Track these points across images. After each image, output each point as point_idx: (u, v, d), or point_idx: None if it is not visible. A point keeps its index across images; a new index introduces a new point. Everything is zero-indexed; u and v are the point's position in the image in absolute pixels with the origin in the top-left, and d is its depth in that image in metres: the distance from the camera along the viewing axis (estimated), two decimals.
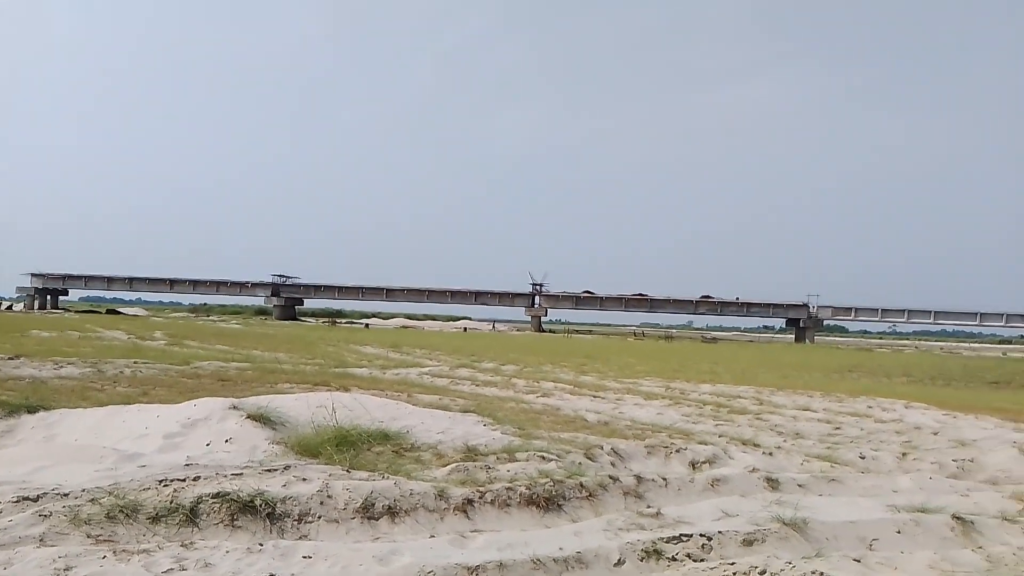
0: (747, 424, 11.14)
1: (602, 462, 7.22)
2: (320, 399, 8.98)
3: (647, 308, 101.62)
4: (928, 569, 3.93)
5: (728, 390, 16.51)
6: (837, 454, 8.70)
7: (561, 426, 9.80)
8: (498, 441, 7.66)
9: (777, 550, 4.45)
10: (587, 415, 11.16)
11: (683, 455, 7.87)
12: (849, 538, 4.82)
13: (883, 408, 13.98)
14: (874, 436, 10.67)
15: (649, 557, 4.31)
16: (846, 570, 3.73)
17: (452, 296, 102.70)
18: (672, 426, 10.69)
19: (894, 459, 8.79)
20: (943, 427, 11.73)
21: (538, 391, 14.41)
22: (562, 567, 4.20)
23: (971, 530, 5.20)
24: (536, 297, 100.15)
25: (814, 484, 6.58)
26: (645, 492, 5.92)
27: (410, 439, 7.63)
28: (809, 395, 15.92)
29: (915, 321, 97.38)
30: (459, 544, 4.57)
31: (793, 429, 10.91)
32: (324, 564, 4.13)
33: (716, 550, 4.45)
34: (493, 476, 6.13)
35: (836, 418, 12.32)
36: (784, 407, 13.67)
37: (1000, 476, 8.46)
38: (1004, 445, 9.77)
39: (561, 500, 5.61)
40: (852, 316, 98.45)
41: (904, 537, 4.94)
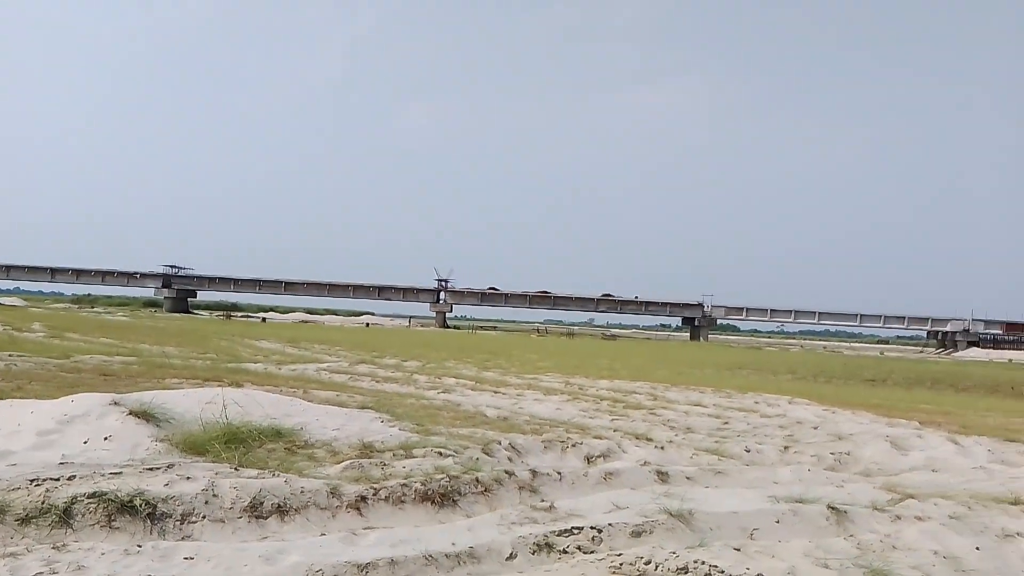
0: (641, 419, 11.44)
1: (499, 457, 7.26)
2: (210, 395, 8.65)
3: (551, 305, 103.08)
4: (803, 557, 4.13)
5: (625, 386, 16.92)
6: (724, 447, 9.04)
7: (461, 422, 9.79)
8: (395, 437, 7.58)
9: (664, 540, 4.58)
10: (487, 411, 11.20)
11: (579, 449, 8.01)
12: (732, 528, 5.01)
13: (769, 404, 14.64)
14: (759, 430, 11.15)
15: (541, 550, 4.36)
16: (726, 558, 3.88)
17: (354, 291, 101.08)
18: (570, 421, 10.86)
19: (777, 452, 9.22)
20: (823, 422, 12.38)
21: (439, 387, 14.36)
22: (454, 562, 4.20)
23: (844, 519, 5.50)
24: (441, 293, 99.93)
25: (701, 476, 6.81)
26: (540, 486, 5.98)
27: (304, 436, 7.45)
28: (701, 391, 16.50)
29: (801, 321, 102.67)
30: (350, 542, 4.49)
31: (685, 424, 11.28)
32: (207, 565, 3.98)
33: (606, 542, 4.54)
34: (388, 473, 6.06)
35: (725, 413, 12.82)
36: (677, 402, 14.11)
37: (873, 468, 9.00)
38: (878, 439, 10.41)
39: (457, 496, 5.60)
40: (744, 316, 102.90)
41: (783, 526, 5.18)
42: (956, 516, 5.62)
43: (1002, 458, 9.73)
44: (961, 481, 7.92)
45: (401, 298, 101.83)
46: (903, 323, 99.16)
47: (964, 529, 5.21)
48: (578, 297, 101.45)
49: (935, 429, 11.58)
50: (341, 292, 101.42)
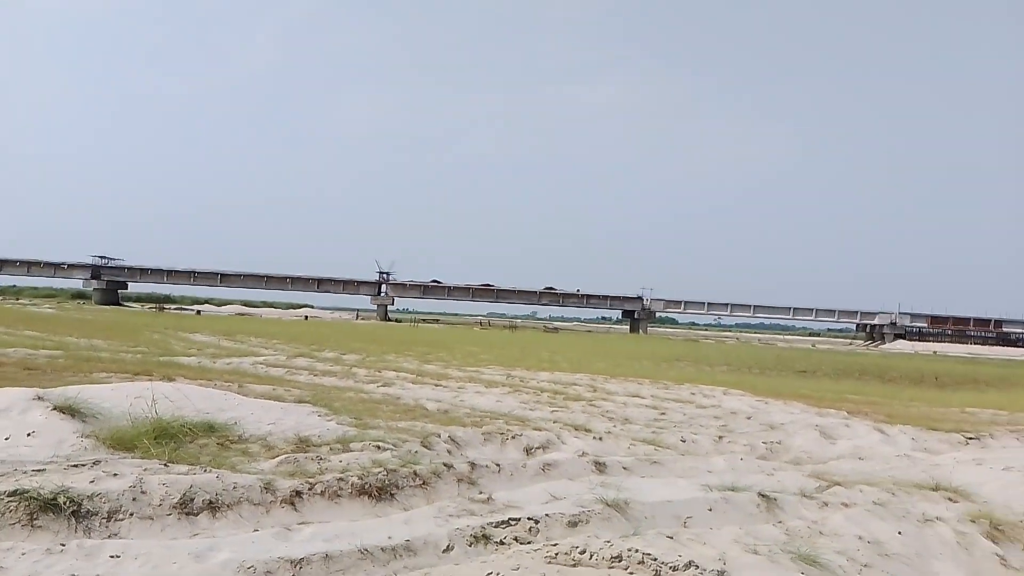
0: (581, 410, 11.55)
1: (439, 450, 7.24)
2: (139, 389, 8.40)
3: (493, 298, 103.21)
4: (733, 543, 4.23)
5: (565, 378, 17.05)
6: (661, 438, 9.20)
7: (400, 415, 9.73)
8: (332, 431, 7.48)
9: (599, 530, 4.63)
10: (427, 404, 11.15)
11: (518, 441, 8.04)
12: (666, 516, 5.10)
13: (705, 395, 14.94)
14: (695, 421, 11.37)
15: (478, 542, 4.36)
16: (659, 546, 3.94)
17: (293, 283, 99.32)
18: (510, 413, 10.89)
19: (711, 442, 9.42)
20: (756, 412, 12.70)
21: (379, 380, 14.23)
22: (390, 556, 4.17)
23: (774, 506, 5.65)
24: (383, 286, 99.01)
25: (638, 467, 6.92)
26: (479, 478, 5.99)
27: (238, 431, 7.30)
28: (639, 382, 16.73)
29: (737, 314, 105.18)
30: (284, 537, 4.42)
31: (623, 415, 11.43)
32: (134, 563, 3.87)
33: (543, 532, 4.57)
34: (325, 467, 5.98)
35: (662, 404, 13.03)
36: (616, 394, 14.29)
37: (803, 456, 9.28)
38: (807, 428, 10.73)
39: (394, 489, 5.56)
40: (682, 309, 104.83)
41: (715, 514, 5.29)
42: (880, 502, 5.83)
43: (925, 446, 10.14)
44: (886, 468, 8.22)
45: (341, 291, 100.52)
46: (834, 316, 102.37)
47: (887, 515, 5.40)
48: (521, 290, 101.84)
49: (862, 419, 11.99)
50: (279, 284, 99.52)
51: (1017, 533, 5.48)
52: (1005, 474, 7.44)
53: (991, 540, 5.28)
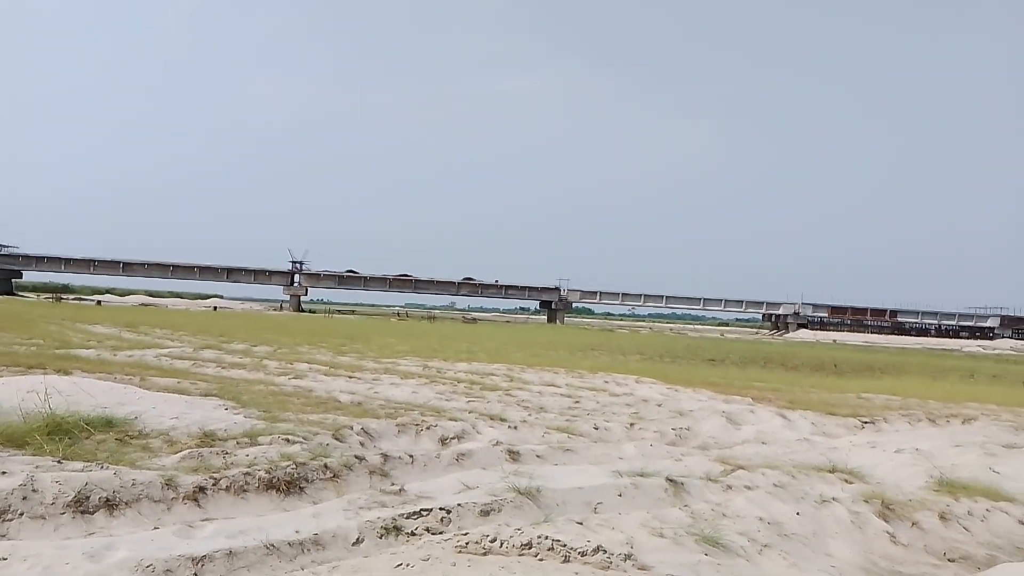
0: (497, 400, 11.59)
1: (351, 442, 7.13)
2: (32, 383, 7.97)
3: (412, 289, 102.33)
4: (640, 527, 4.33)
5: (482, 368, 17.08)
6: (574, 426, 9.32)
7: (312, 408, 9.54)
8: (240, 425, 7.27)
9: (512, 518, 4.66)
10: (341, 396, 10.97)
11: (433, 432, 8.00)
12: (577, 503, 5.17)
13: (618, 383, 15.23)
14: (608, 409, 11.58)
15: (388, 533, 4.32)
16: (569, 532, 4.00)
17: (201, 272, 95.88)
18: (426, 404, 10.83)
19: (623, 429, 9.60)
20: (666, 399, 13.02)
21: (291, 373, 13.91)
22: (297, 550, 4.08)
23: (681, 490, 5.81)
24: (296, 276, 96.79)
25: (551, 454, 6.99)
26: (391, 470, 5.93)
27: (138, 426, 7.01)
28: (555, 372, 16.92)
29: (650, 305, 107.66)
30: (185, 535, 4.27)
31: (538, 404, 11.53)
32: (23, 565, 3.67)
33: (455, 522, 4.57)
34: (230, 462, 5.81)
35: (577, 393, 13.21)
36: (532, 383, 14.40)
37: (710, 442, 9.57)
38: (715, 415, 11.07)
39: (304, 483, 5.45)
40: (598, 299, 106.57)
41: (624, 499, 5.40)
42: (780, 484, 6.07)
43: (823, 430, 10.61)
44: (787, 452, 8.56)
45: (252, 280, 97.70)
46: (741, 307, 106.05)
47: (787, 496, 5.63)
48: (439, 281, 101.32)
49: (766, 405, 12.45)
50: (186, 273, 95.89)
51: (906, 511, 5.79)
52: (896, 456, 7.86)
53: (882, 518, 5.56)
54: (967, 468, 7.26)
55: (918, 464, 7.31)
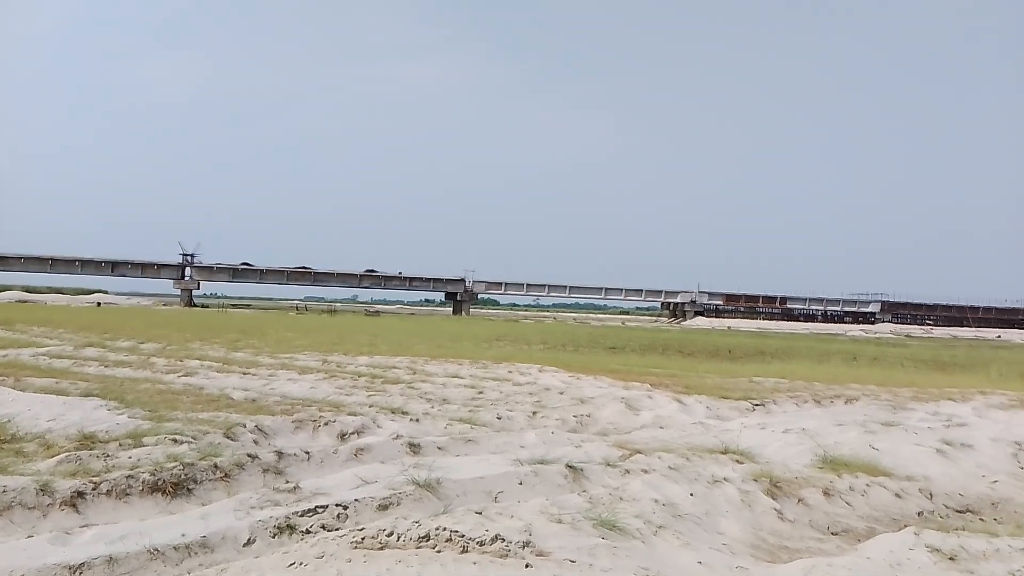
0: (399, 393, 11.44)
1: (244, 441, 6.88)
2: None
3: (311, 282, 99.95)
4: (539, 514, 4.34)
5: (384, 361, 16.85)
6: (477, 416, 9.31)
7: (202, 406, 9.16)
8: (123, 426, 6.90)
9: (411, 511, 4.59)
10: (234, 393, 10.58)
11: (332, 427, 7.82)
12: (477, 493, 5.15)
13: (521, 372, 15.32)
14: (511, 398, 11.62)
15: (281, 533, 4.18)
16: (468, 523, 3.96)
17: (83, 266, 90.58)
18: (325, 399, 10.58)
19: (526, 418, 9.66)
20: (568, 387, 13.19)
21: (180, 370, 13.32)
22: (184, 554, 3.89)
23: (580, 476, 5.88)
24: (187, 269, 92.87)
25: (452, 446, 6.94)
26: (286, 467, 5.75)
27: (11, 429, 6.56)
28: (459, 363, 16.86)
29: (554, 295, 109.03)
30: (62, 542, 4.01)
31: (441, 396, 11.46)
32: None
33: (352, 518, 4.46)
34: (112, 464, 5.50)
35: (480, 383, 13.20)
36: (435, 375, 14.31)
37: (610, 428, 9.75)
38: (615, 401, 11.28)
39: (191, 484, 5.22)
40: (503, 290, 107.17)
41: (525, 487, 5.41)
42: (675, 467, 6.23)
43: (717, 413, 10.99)
44: (682, 436, 8.80)
45: (139, 274, 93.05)
46: (641, 296, 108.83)
47: (681, 478, 5.78)
48: (340, 273, 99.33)
49: (663, 390, 12.78)
50: (66, 268, 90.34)
51: (792, 489, 6.05)
52: (784, 436, 8.20)
53: (770, 496, 5.79)
54: (849, 446, 7.66)
55: (804, 443, 7.64)
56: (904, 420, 9.79)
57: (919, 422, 9.68)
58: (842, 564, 4.18)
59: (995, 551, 4.38)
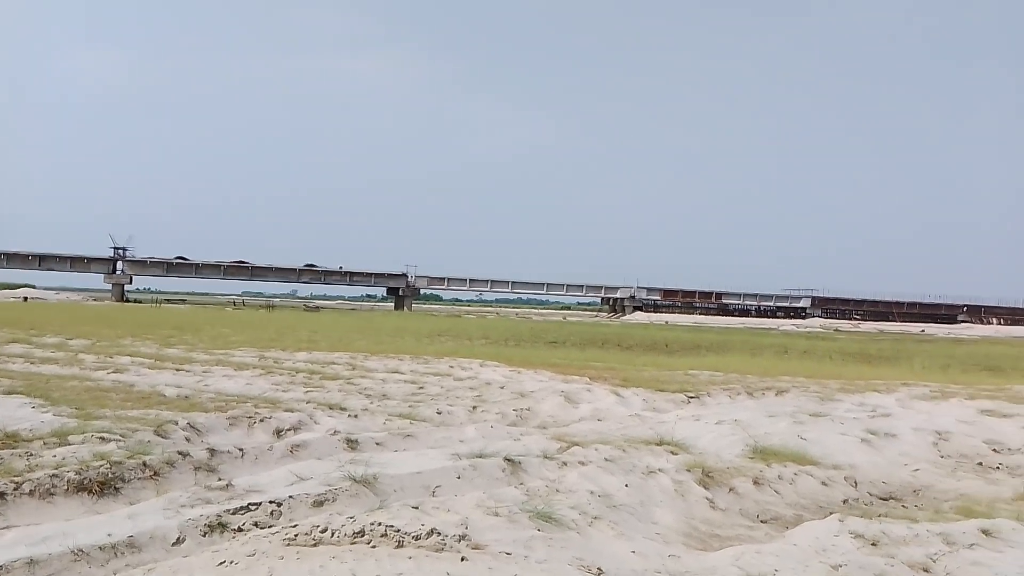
0: (338, 389, 11.33)
1: (176, 438, 6.72)
2: None
3: (248, 276, 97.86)
4: (475, 507, 4.36)
5: (323, 357, 16.65)
6: (417, 412, 9.28)
7: (133, 403, 8.92)
8: (48, 424, 6.67)
9: (347, 507, 4.55)
10: (166, 390, 10.32)
11: (267, 424, 7.70)
12: (415, 487, 5.14)
13: (462, 367, 15.32)
14: (452, 393, 11.61)
15: (212, 531, 4.10)
16: (404, 517, 3.96)
17: (8, 260, 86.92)
18: (261, 396, 10.42)
19: (466, 412, 9.67)
20: (509, 381, 13.24)
21: (110, 367, 12.92)
22: (110, 554, 3.79)
23: (518, 469, 5.91)
24: (118, 263, 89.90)
25: (391, 441, 6.91)
26: (219, 465, 5.64)
27: None
28: (400, 359, 16.77)
29: (497, 290, 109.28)
30: None
31: (381, 391, 11.38)
32: None
33: (285, 515, 4.40)
34: (35, 463, 5.31)
35: (421, 379, 13.16)
36: (375, 371, 14.20)
37: (549, 421, 9.83)
38: (554, 394, 11.38)
39: (120, 483, 5.07)
40: (445, 285, 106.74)
41: (463, 481, 5.42)
42: (611, 459, 6.31)
43: (654, 406, 11.17)
44: (620, 428, 8.94)
45: (68, 268, 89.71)
46: (582, 291, 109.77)
47: (617, 469, 5.87)
48: (279, 267, 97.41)
49: (602, 383, 12.94)
50: None
51: (724, 478, 6.20)
52: (717, 427, 8.40)
53: (703, 486, 5.93)
54: (778, 436, 7.89)
55: (736, 434, 7.85)
56: (831, 411, 10.12)
57: (845, 413, 10.02)
58: (770, 551, 4.31)
59: (915, 536, 4.57)
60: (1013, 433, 9.00)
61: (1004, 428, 9.20)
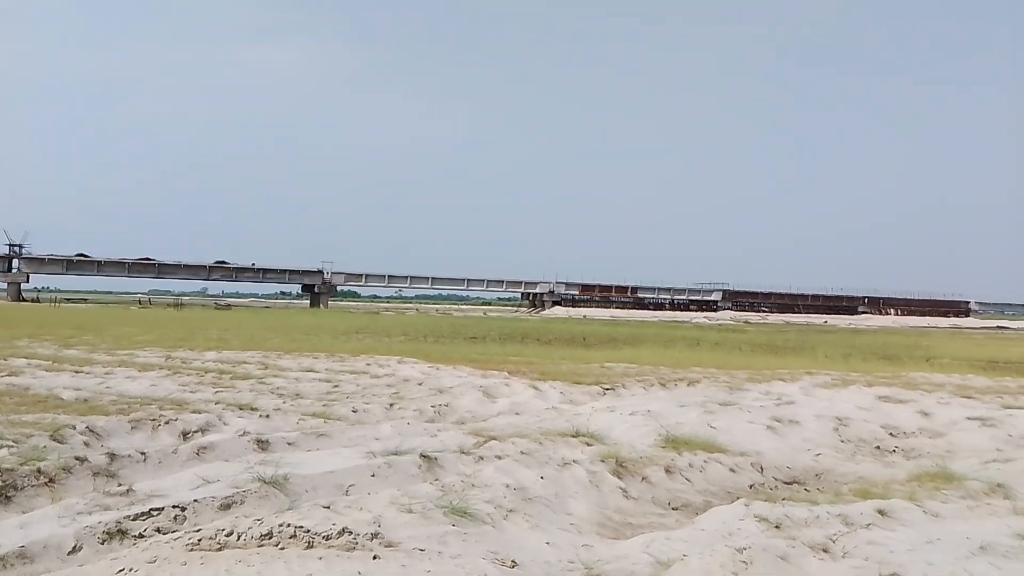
0: (248, 389, 11.03)
1: (73, 443, 6.41)
2: None
3: (155, 274, 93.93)
4: (389, 504, 4.31)
5: (234, 356, 16.17)
6: (332, 410, 9.12)
7: (28, 407, 8.45)
8: None
9: (255, 509, 4.43)
10: (64, 393, 9.82)
11: (173, 426, 7.42)
12: (328, 487, 5.05)
13: (380, 365, 15.13)
14: (368, 391, 11.46)
15: (111, 538, 3.92)
16: (314, 518, 3.88)
17: None
18: (167, 397, 10.04)
19: (383, 410, 9.57)
20: (427, 378, 13.17)
21: (4, 369, 12.21)
22: None
23: (434, 466, 5.88)
24: (14, 260, 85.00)
25: (304, 441, 6.77)
26: (119, 470, 5.40)
27: None
28: (315, 357, 16.45)
29: (416, 286, 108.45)
30: None
31: (294, 390, 11.14)
32: None
33: (190, 519, 4.26)
34: None
35: (336, 377, 12.94)
36: (289, 370, 13.89)
37: (467, 416, 9.83)
38: (473, 390, 11.38)
39: (11, 491, 4.80)
40: (363, 282, 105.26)
41: (377, 479, 5.36)
42: (527, 452, 6.36)
43: (570, 398, 11.32)
44: (537, 421, 9.01)
45: None
46: (502, 286, 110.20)
47: (532, 462, 5.91)
48: (188, 264, 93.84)
49: (520, 378, 13.02)
50: None
51: (637, 468, 6.33)
52: (631, 418, 8.57)
53: (616, 476, 6.04)
54: (689, 425, 8.11)
55: (649, 424, 8.02)
56: (740, 400, 10.47)
57: (753, 402, 10.38)
58: (679, 536, 4.43)
59: (815, 518, 4.77)
60: (907, 418, 9.53)
61: (899, 413, 9.73)
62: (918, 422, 9.30)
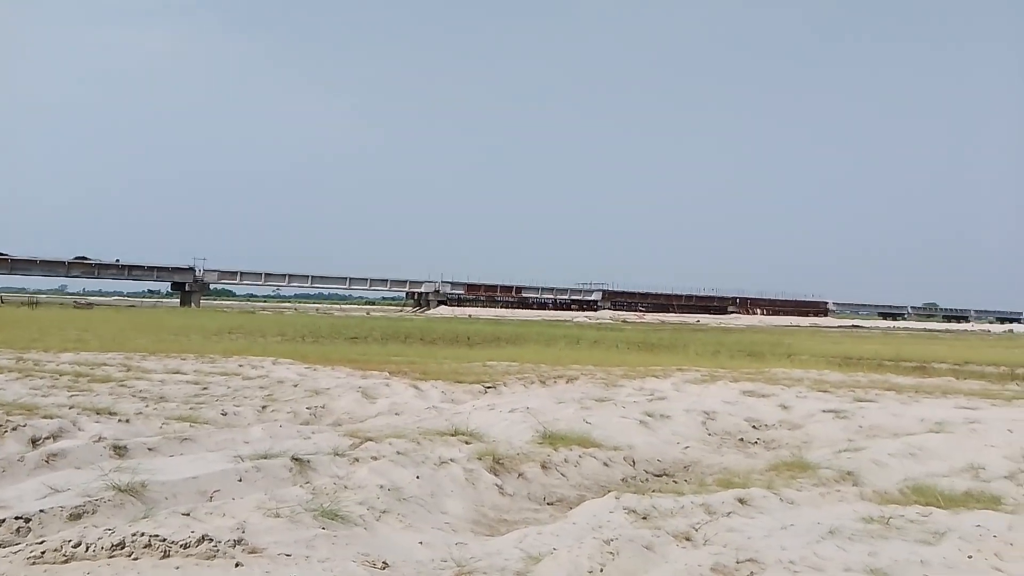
0: (108, 392, 10.35)
1: None
2: None
3: (8, 270, 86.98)
4: (255, 510, 4.15)
5: (93, 358, 15.18)
6: (199, 414, 8.71)
7: None
8: None
9: (109, 518, 4.16)
10: None
11: (21, 432, 6.86)
12: (189, 493, 4.81)
13: (253, 366, 14.60)
14: (240, 393, 11.02)
15: None
16: (171, 525, 3.68)
17: None
18: (15, 402, 9.25)
19: (255, 412, 9.23)
20: (303, 379, 12.81)
21: None
22: None
23: (307, 468, 5.72)
24: None
25: (166, 446, 6.42)
26: None
27: None
28: (182, 358, 15.68)
29: (295, 285, 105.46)
30: None
31: (158, 393, 10.57)
32: None
33: (35, 531, 3.95)
34: None
35: (205, 379, 12.37)
36: (153, 372, 13.17)
37: (345, 418, 9.62)
38: (351, 390, 11.16)
39: None
40: (239, 280, 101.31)
41: (244, 484, 5.15)
42: (404, 452, 6.29)
43: (452, 397, 11.30)
44: (416, 421, 8.93)
45: None
46: (387, 286, 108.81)
47: (408, 462, 5.85)
48: (44, 260, 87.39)
49: (401, 377, 12.89)
50: None
51: (514, 464, 6.39)
52: (510, 415, 8.64)
53: (493, 473, 6.07)
54: (566, 421, 8.27)
55: (527, 421, 8.12)
56: (615, 396, 10.77)
57: (627, 397, 10.70)
58: (551, 531, 4.49)
59: (680, 508, 4.96)
60: (768, 411, 10.07)
61: (761, 407, 10.28)
62: (778, 415, 9.84)
